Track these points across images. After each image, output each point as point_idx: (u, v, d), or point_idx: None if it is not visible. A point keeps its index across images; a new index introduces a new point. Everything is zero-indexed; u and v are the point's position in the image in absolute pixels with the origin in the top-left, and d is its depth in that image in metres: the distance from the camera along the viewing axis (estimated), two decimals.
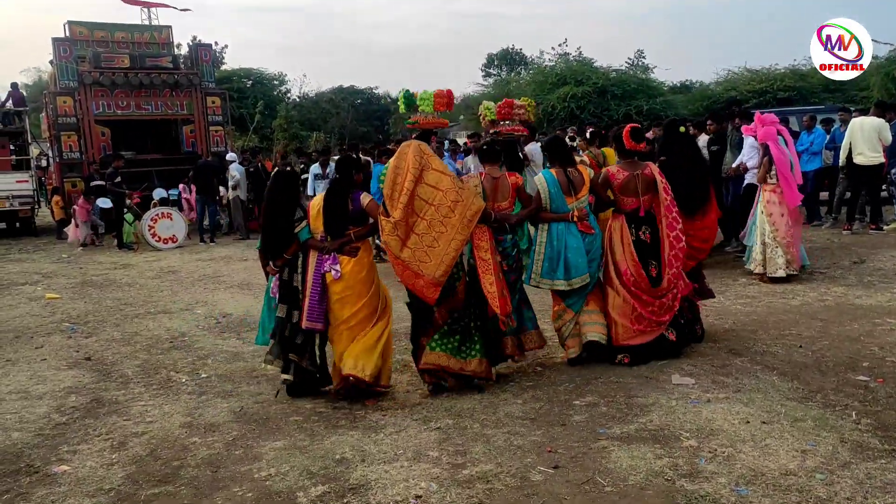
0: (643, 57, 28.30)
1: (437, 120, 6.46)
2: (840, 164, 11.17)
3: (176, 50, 19.15)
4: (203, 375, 5.74)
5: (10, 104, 18.02)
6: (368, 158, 12.87)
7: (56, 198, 15.95)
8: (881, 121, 10.79)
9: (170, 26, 18.68)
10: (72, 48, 16.31)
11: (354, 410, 4.81)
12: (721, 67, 39.14)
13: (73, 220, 14.29)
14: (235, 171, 14.30)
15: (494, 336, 5.23)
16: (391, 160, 4.98)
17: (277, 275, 5.05)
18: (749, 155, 9.10)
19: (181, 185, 15.46)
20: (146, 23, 19.47)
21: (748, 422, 4.23)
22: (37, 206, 17.37)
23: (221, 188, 14.70)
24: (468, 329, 5.06)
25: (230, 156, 15.41)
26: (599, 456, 3.92)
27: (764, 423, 4.21)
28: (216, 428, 4.62)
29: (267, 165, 15.50)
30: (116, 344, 6.80)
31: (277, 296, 5.03)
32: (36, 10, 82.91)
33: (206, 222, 14.17)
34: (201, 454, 4.22)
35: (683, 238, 5.45)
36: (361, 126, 32.21)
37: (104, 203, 13.92)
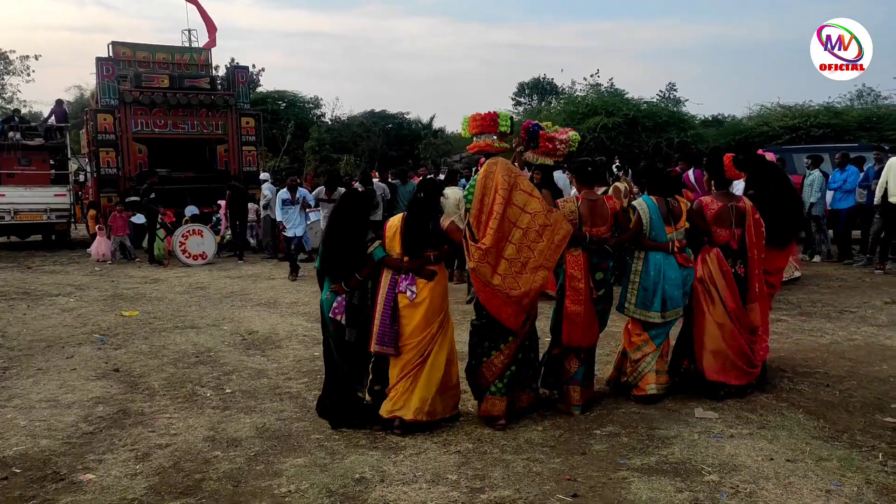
0: (675, 90, 28.38)
1: (505, 145, 6.30)
2: (875, 202, 11.00)
3: (214, 72, 19.59)
4: (227, 391, 5.81)
5: (52, 120, 18.55)
6: (397, 181, 13.04)
7: (92, 212, 16.31)
8: None
9: (209, 49, 19.14)
10: (114, 68, 16.77)
11: (375, 430, 4.83)
12: (754, 102, 38.84)
13: (98, 235, 14.52)
14: (267, 190, 14.53)
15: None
16: (478, 178, 4.74)
17: (344, 295, 4.81)
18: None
19: (223, 205, 15.62)
20: (186, 45, 19.97)
21: (772, 459, 4.18)
22: (73, 220, 17.78)
23: (251, 205, 14.99)
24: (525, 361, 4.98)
25: (263, 175, 15.69)
26: (619, 486, 3.89)
27: (788, 460, 4.16)
28: (238, 443, 4.67)
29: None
30: (144, 357, 6.91)
31: (344, 318, 4.80)
32: (81, 30, 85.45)
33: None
34: (223, 468, 4.27)
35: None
36: (392, 150, 32.51)
37: (138, 219, 14.22)
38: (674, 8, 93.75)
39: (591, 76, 27.81)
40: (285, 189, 11.85)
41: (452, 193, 8.54)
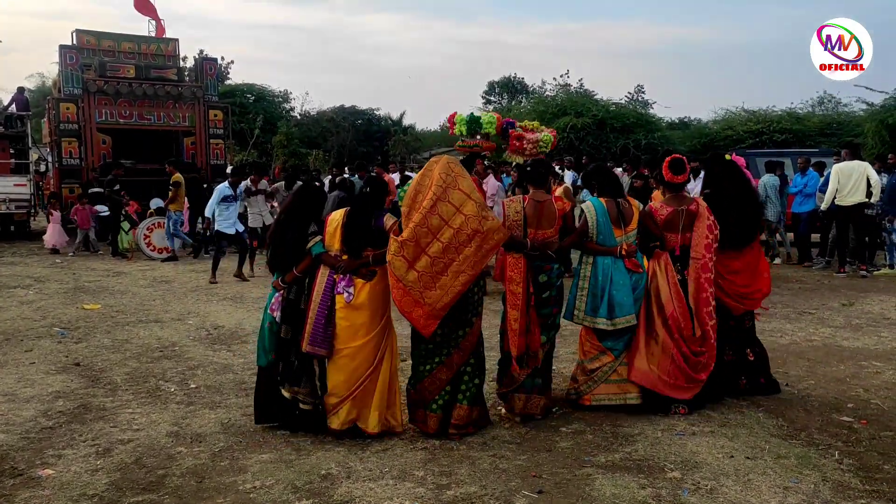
0: (643, 92, 28.59)
1: (491, 143, 6.13)
2: (823, 208, 11.25)
3: (182, 63, 19.28)
4: (192, 385, 5.74)
5: (13, 108, 18.11)
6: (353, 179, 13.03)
7: (53, 202, 15.97)
8: (865, 163, 10.96)
9: (176, 39, 18.83)
10: (78, 56, 16.42)
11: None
12: (719, 107, 39.43)
13: (51, 222, 14.29)
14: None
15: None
16: (416, 176, 4.61)
17: (282, 292, 4.68)
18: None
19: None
20: (153, 34, 19.61)
21: (732, 456, 4.27)
22: (33, 211, 17.38)
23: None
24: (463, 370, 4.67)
25: (230, 169, 15.50)
26: (583, 483, 3.94)
27: (748, 458, 4.25)
28: (203, 438, 4.62)
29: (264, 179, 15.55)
30: (106, 351, 6.79)
31: (279, 315, 4.64)
32: (44, 16, 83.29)
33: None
34: (187, 464, 4.23)
35: (711, 287, 5.07)
36: (361, 146, 32.37)
37: (101, 210, 13.96)
38: (643, 10, 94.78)
39: (561, 76, 28.00)
40: (227, 184, 11.07)
41: None
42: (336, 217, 4.70)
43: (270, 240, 4.85)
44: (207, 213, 11.22)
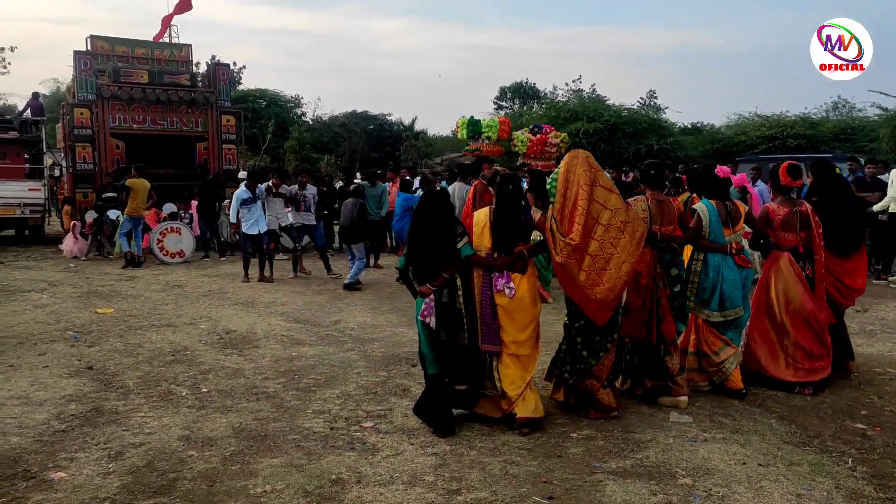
0: (655, 97, 28.52)
1: (497, 147, 6.31)
2: (876, 208, 10.84)
3: (195, 68, 19.40)
4: (203, 390, 5.77)
5: (28, 113, 18.28)
6: (365, 183, 13.07)
7: (66, 207, 16.11)
8: None
9: (189, 45, 18.94)
10: (92, 62, 16.56)
11: (352, 432, 4.83)
12: (732, 112, 39.21)
13: (71, 233, 14.39)
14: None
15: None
16: (559, 171, 4.72)
17: (431, 296, 4.72)
18: None
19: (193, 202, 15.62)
20: (166, 40, 19.75)
21: (744, 463, 4.24)
22: (47, 215, 17.52)
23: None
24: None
25: (242, 174, 15.59)
26: (594, 489, 3.92)
27: (760, 465, 4.22)
28: (214, 442, 4.64)
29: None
30: (119, 355, 6.83)
31: (433, 320, 4.70)
32: (58, 22, 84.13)
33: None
34: (198, 468, 4.24)
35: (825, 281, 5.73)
36: (373, 152, 32.44)
37: (115, 214, 14.06)
38: (654, 14, 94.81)
39: (573, 81, 27.98)
40: (244, 188, 11.23)
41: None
42: (481, 217, 4.90)
43: (410, 248, 4.88)
44: (232, 218, 11.53)
